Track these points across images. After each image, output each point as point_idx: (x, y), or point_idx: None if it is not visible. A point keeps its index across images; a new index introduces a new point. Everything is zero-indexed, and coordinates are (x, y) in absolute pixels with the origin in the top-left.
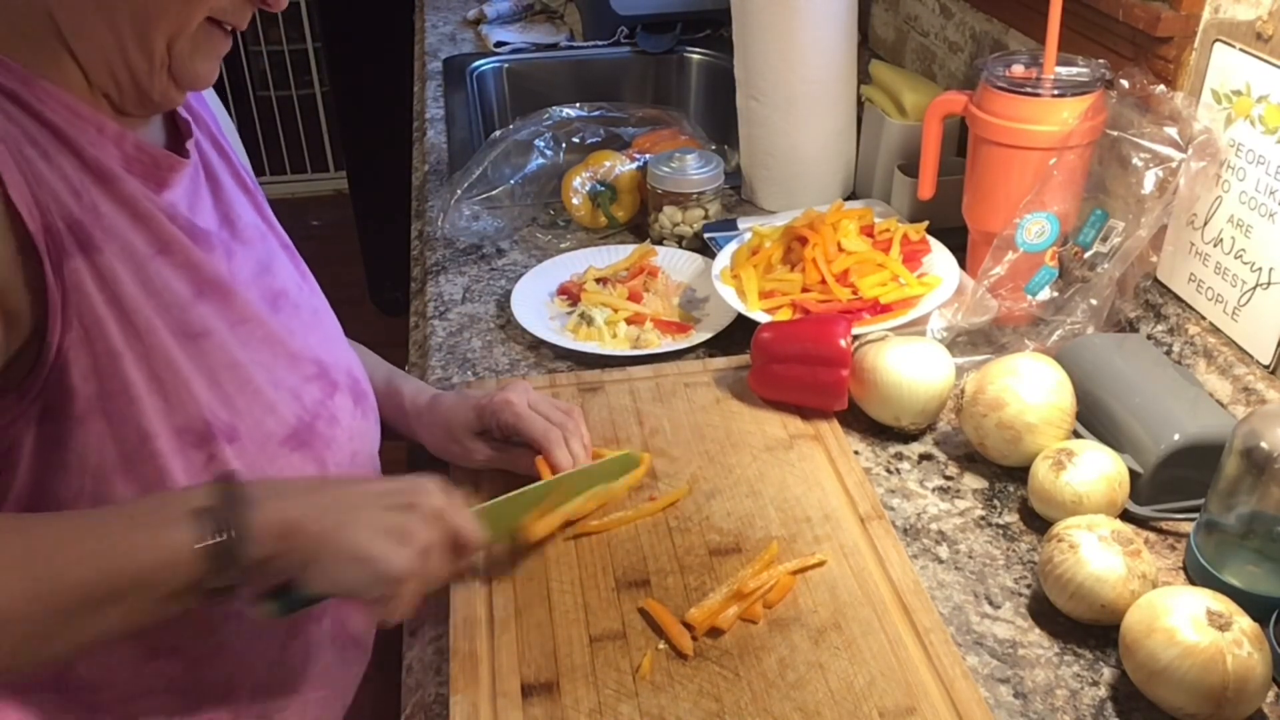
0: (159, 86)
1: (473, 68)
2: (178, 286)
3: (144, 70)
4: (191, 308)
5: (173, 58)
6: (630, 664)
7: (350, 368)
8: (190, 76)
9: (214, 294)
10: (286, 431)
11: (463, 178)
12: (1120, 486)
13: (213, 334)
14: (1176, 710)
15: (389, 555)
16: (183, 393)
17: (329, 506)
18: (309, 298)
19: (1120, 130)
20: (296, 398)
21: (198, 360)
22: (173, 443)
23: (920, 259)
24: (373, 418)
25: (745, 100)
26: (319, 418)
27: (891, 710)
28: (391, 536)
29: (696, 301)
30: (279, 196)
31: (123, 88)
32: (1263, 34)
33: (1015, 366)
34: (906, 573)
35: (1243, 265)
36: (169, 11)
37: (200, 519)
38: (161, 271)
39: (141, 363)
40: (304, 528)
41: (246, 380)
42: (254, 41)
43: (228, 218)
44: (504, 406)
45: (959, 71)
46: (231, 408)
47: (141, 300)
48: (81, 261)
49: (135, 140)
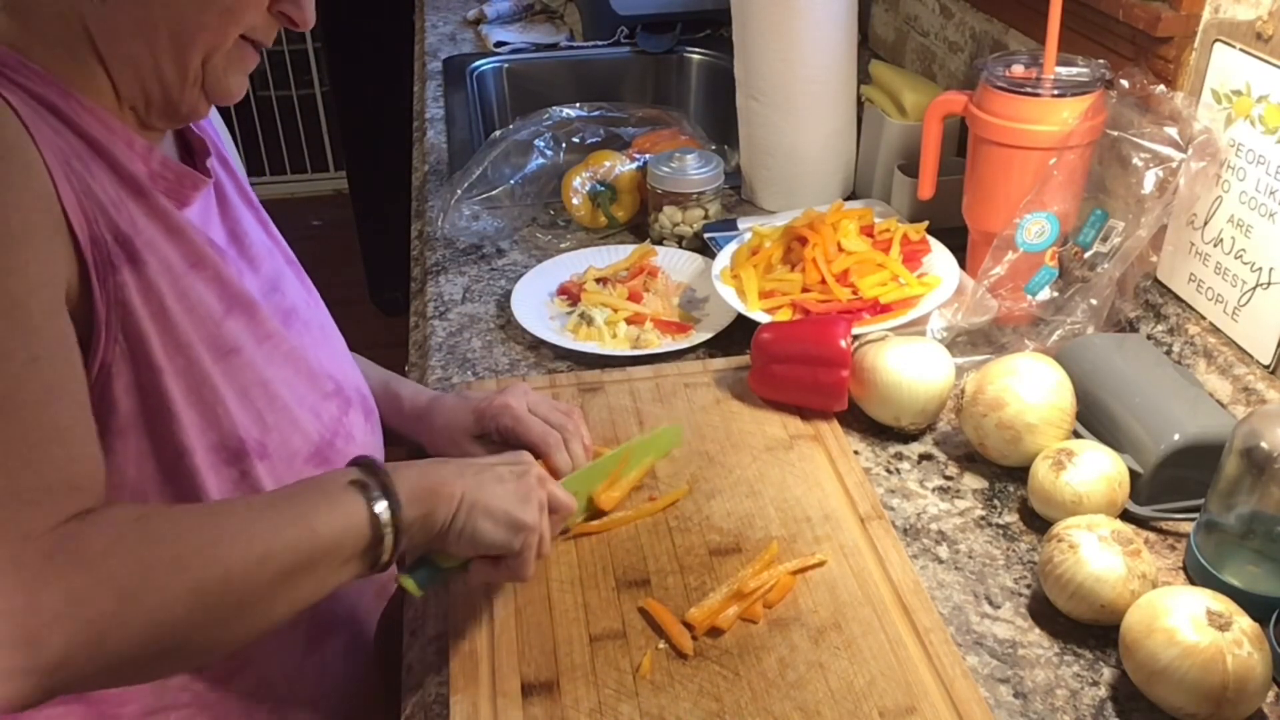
0: (189, 100)
1: (473, 68)
2: (210, 302)
3: (176, 85)
4: (223, 323)
5: (206, 73)
6: (630, 663)
7: (358, 384)
8: (222, 91)
9: (241, 310)
10: (310, 449)
11: (463, 178)
12: (1120, 486)
13: (242, 351)
14: (1176, 710)
15: (521, 508)
16: (218, 409)
17: (459, 471)
18: (317, 314)
19: (1120, 130)
20: (317, 415)
21: (230, 377)
22: (208, 459)
23: (920, 259)
24: (379, 433)
25: (745, 100)
26: (337, 435)
27: (891, 710)
28: (518, 494)
29: (696, 301)
30: (279, 196)
31: (152, 101)
32: (1263, 34)
33: (1015, 366)
34: (906, 573)
35: (1243, 265)
36: (207, 30)
37: (360, 489)
38: (195, 286)
39: (180, 378)
40: (445, 486)
41: (274, 397)
42: None
43: (235, 234)
44: (502, 410)
45: (959, 71)
46: (262, 425)
47: (180, 315)
48: (129, 274)
49: (161, 157)
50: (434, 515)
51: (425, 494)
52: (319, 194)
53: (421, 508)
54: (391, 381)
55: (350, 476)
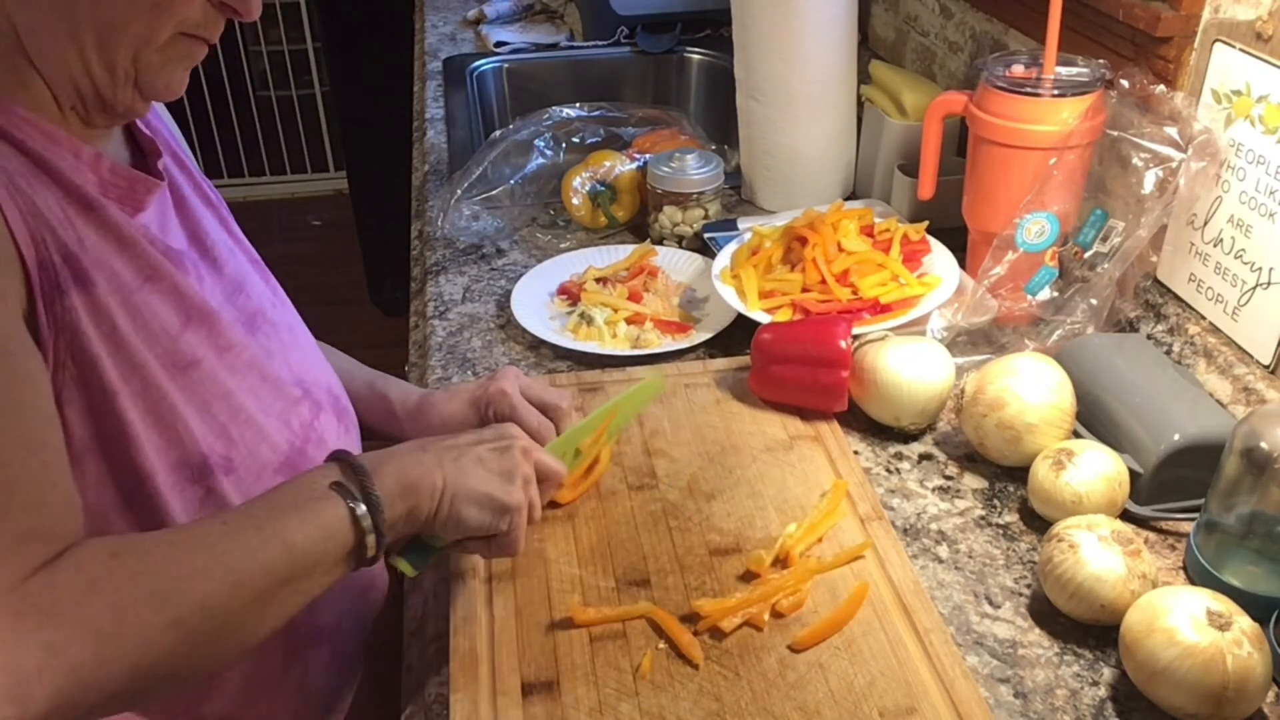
0: (123, 99)
1: (473, 68)
2: (165, 315)
3: (107, 84)
4: (180, 337)
5: (139, 70)
6: (630, 663)
7: (330, 384)
8: (158, 88)
9: (199, 321)
10: (280, 459)
11: (463, 178)
12: (1120, 486)
13: (202, 363)
14: (1176, 710)
15: (504, 490)
16: (179, 427)
17: (438, 459)
18: (283, 314)
19: (1120, 130)
20: (285, 423)
21: (189, 392)
22: (170, 479)
23: (920, 259)
24: (355, 432)
25: (745, 100)
26: (309, 441)
27: (891, 710)
28: (500, 474)
29: (696, 301)
30: (279, 196)
31: (86, 100)
32: (1263, 34)
33: (1015, 366)
34: (906, 573)
35: (1243, 265)
36: (132, 27)
37: (340, 493)
38: (150, 301)
39: (137, 399)
40: (426, 479)
41: (238, 409)
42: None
43: (196, 235)
44: (500, 398)
45: (959, 71)
46: (226, 439)
47: (133, 334)
48: (77, 297)
49: (110, 164)
50: (418, 509)
51: (407, 490)
52: (319, 194)
53: (404, 504)
54: (378, 382)
55: (329, 479)
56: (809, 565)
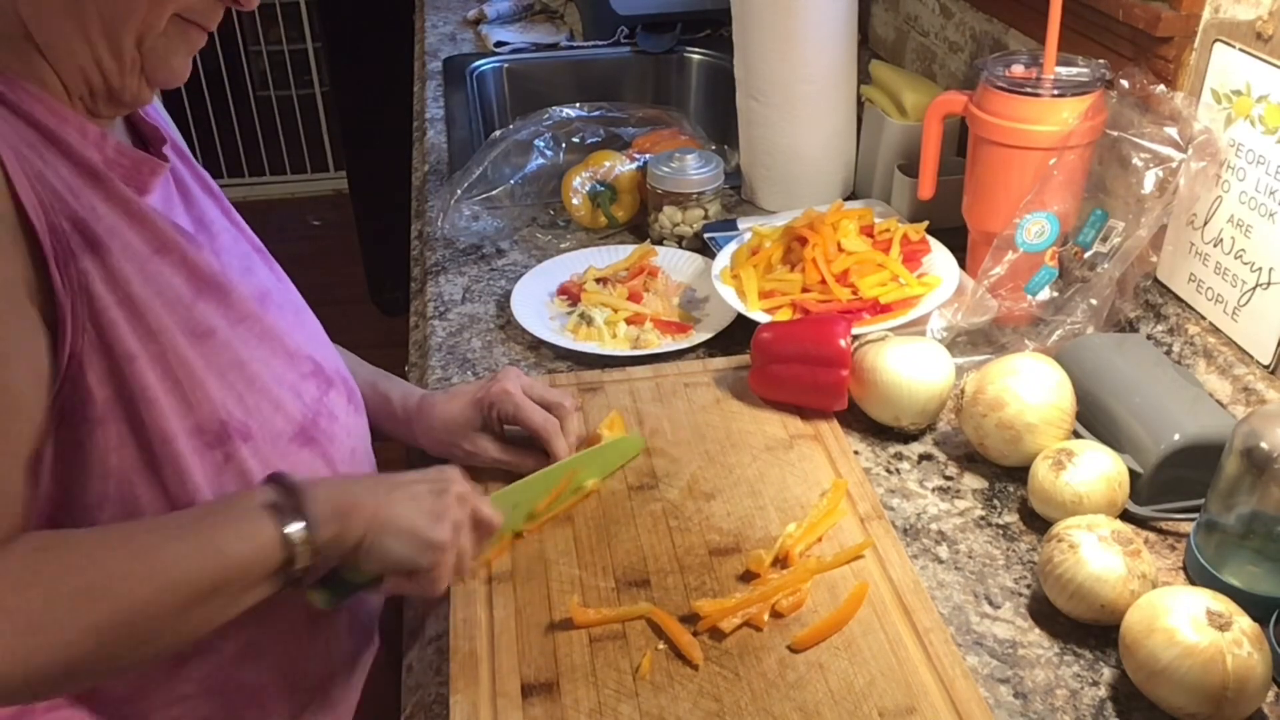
0: (130, 87)
1: (473, 68)
2: (178, 285)
3: (115, 71)
4: (194, 306)
5: (144, 56)
6: (630, 664)
7: (338, 366)
8: (164, 74)
9: (212, 292)
10: (294, 429)
11: (463, 178)
12: (1120, 486)
13: (216, 333)
14: (1176, 710)
15: (430, 527)
16: (198, 392)
17: (372, 489)
18: (290, 297)
19: (1120, 130)
20: (298, 395)
21: (208, 359)
22: (191, 443)
23: (920, 259)
24: (363, 413)
25: (745, 100)
26: (320, 414)
27: (891, 710)
28: (430, 513)
29: (696, 301)
30: (279, 196)
31: (94, 89)
32: (1263, 34)
33: (1015, 366)
34: (906, 573)
35: (1243, 265)
36: (137, 11)
37: (273, 511)
38: (162, 270)
39: (156, 363)
40: (357, 507)
41: (253, 378)
42: (254, 41)
43: (202, 222)
44: (503, 397)
45: (959, 71)
46: (244, 406)
47: (149, 299)
48: (90, 262)
49: (116, 143)
50: (345, 534)
51: (338, 514)
52: (319, 194)
53: (334, 528)
54: (380, 381)
55: (263, 499)
56: (809, 565)
